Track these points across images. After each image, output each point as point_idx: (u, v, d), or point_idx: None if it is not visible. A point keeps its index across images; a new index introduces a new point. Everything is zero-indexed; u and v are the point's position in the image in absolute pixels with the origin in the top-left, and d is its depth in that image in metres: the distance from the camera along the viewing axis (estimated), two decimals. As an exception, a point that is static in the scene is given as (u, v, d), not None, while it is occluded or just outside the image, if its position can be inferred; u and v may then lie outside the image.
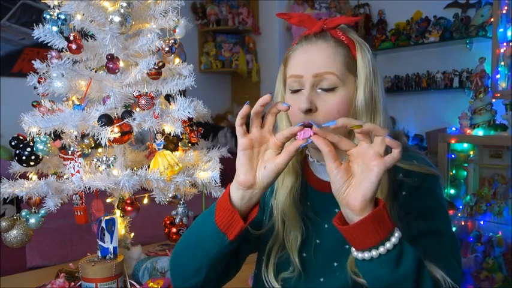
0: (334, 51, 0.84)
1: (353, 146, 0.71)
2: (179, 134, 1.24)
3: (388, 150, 0.68)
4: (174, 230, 1.35)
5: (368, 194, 0.68)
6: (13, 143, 1.22)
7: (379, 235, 0.68)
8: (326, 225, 0.91)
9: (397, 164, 0.83)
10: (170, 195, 1.27)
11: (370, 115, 0.85)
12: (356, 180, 0.69)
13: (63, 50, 1.27)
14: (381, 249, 0.68)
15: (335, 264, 0.89)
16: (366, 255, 0.69)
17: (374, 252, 0.68)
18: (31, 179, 1.23)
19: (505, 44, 2.39)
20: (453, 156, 2.46)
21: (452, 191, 2.48)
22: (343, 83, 0.84)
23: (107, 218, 1.21)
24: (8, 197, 1.18)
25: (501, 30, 2.41)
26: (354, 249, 0.71)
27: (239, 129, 0.74)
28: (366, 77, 0.85)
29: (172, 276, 0.91)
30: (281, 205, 0.91)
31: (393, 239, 0.68)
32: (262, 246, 0.97)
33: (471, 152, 2.51)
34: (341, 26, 0.89)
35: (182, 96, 1.27)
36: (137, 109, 1.22)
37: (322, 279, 0.91)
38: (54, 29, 1.25)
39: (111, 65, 1.20)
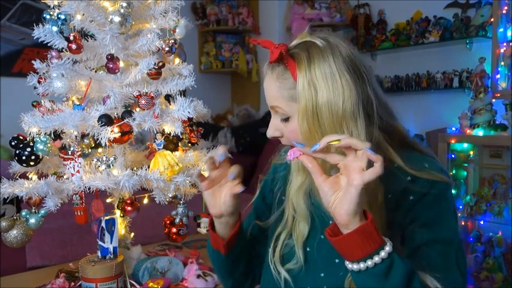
0: (278, 84, 0.84)
1: (341, 159, 0.72)
2: (179, 134, 1.24)
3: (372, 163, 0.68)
4: (174, 230, 1.35)
5: (350, 208, 0.69)
6: (13, 143, 1.22)
7: (367, 249, 0.70)
8: (331, 222, 0.91)
9: (406, 169, 0.84)
10: (170, 195, 1.27)
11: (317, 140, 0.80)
12: (342, 194, 0.70)
13: (63, 50, 1.27)
14: (369, 263, 0.70)
15: (336, 260, 0.90)
16: (355, 266, 0.71)
17: (362, 265, 0.70)
18: (31, 179, 1.24)
19: (505, 44, 2.39)
20: (453, 156, 2.46)
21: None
22: (293, 114, 0.84)
23: (107, 218, 1.21)
24: (8, 197, 1.18)
25: (501, 30, 2.41)
26: (346, 259, 0.73)
27: (197, 179, 0.90)
28: (300, 105, 0.81)
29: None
30: (292, 196, 0.94)
31: (382, 253, 0.70)
32: (271, 234, 0.99)
33: (471, 152, 2.50)
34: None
35: (182, 96, 1.27)
36: (137, 109, 1.22)
37: (322, 275, 0.91)
38: (54, 29, 1.25)
39: (111, 65, 1.20)
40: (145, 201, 1.38)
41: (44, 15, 1.26)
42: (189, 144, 1.34)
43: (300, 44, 0.85)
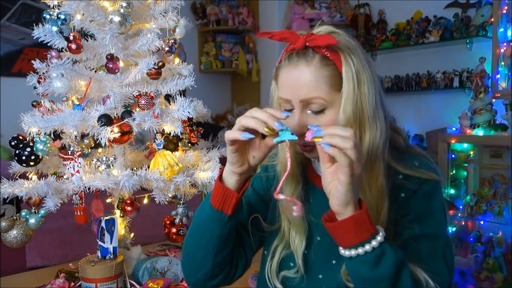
0: (318, 74, 0.82)
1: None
2: (179, 134, 1.24)
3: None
4: (174, 230, 1.35)
5: (341, 199, 0.73)
6: (13, 143, 1.22)
7: (359, 237, 0.73)
8: None
9: (397, 168, 0.87)
10: (170, 195, 1.27)
11: (359, 125, 0.83)
12: (336, 184, 0.74)
13: (63, 50, 1.27)
14: (360, 250, 0.73)
15: (333, 262, 0.90)
16: (347, 253, 0.75)
17: (353, 252, 0.74)
18: (31, 179, 1.23)
19: (505, 44, 2.39)
20: (453, 156, 2.46)
21: (452, 191, 2.48)
22: (332, 103, 0.83)
23: (106, 218, 1.21)
24: (8, 197, 1.18)
25: (501, 30, 2.41)
26: (340, 245, 0.76)
27: (228, 142, 0.81)
28: (347, 92, 0.82)
29: (184, 273, 0.97)
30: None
31: (373, 242, 0.73)
32: (267, 245, 0.98)
33: (471, 152, 2.50)
34: (327, 29, 0.86)
35: (182, 96, 1.27)
36: (137, 109, 1.22)
37: (320, 276, 0.92)
38: (54, 29, 1.25)
39: (111, 65, 1.20)
40: (145, 201, 1.38)
41: (44, 15, 1.26)
42: (189, 144, 1.34)
43: (330, 34, 0.84)
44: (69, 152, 1.19)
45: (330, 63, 0.82)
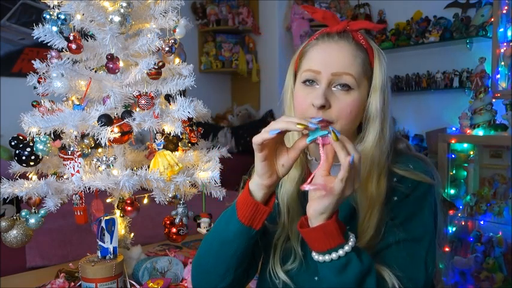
0: (355, 53, 0.87)
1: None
2: (179, 134, 1.24)
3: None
4: (174, 230, 1.35)
5: (317, 209, 0.76)
6: (13, 143, 1.22)
7: (326, 245, 0.76)
8: None
9: (393, 169, 0.88)
10: (170, 195, 1.27)
11: (381, 121, 0.88)
12: (322, 194, 0.75)
13: (63, 50, 1.27)
14: (326, 257, 0.77)
15: None
16: (316, 257, 0.79)
17: (321, 257, 0.78)
18: (31, 179, 1.23)
19: (505, 44, 2.39)
20: (453, 156, 2.46)
21: (452, 191, 2.48)
22: (358, 86, 0.87)
23: (106, 218, 1.21)
24: (8, 197, 1.18)
25: (501, 30, 2.41)
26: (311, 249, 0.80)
27: (257, 147, 0.79)
28: (382, 84, 0.88)
29: (197, 284, 0.96)
30: (287, 196, 0.95)
31: (340, 251, 0.76)
32: (269, 242, 0.99)
33: (471, 152, 2.50)
34: (361, 32, 0.91)
35: (182, 96, 1.27)
36: (137, 109, 1.22)
37: (316, 278, 0.93)
38: (54, 29, 1.25)
39: (111, 65, 1.20)
40: (145, 201, 1.37)
41: (44, 15, 1.26)
42: (189, 144, 1.34)
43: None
44: (69, 152, 1.19)
45: (364, 51, 0.88)
